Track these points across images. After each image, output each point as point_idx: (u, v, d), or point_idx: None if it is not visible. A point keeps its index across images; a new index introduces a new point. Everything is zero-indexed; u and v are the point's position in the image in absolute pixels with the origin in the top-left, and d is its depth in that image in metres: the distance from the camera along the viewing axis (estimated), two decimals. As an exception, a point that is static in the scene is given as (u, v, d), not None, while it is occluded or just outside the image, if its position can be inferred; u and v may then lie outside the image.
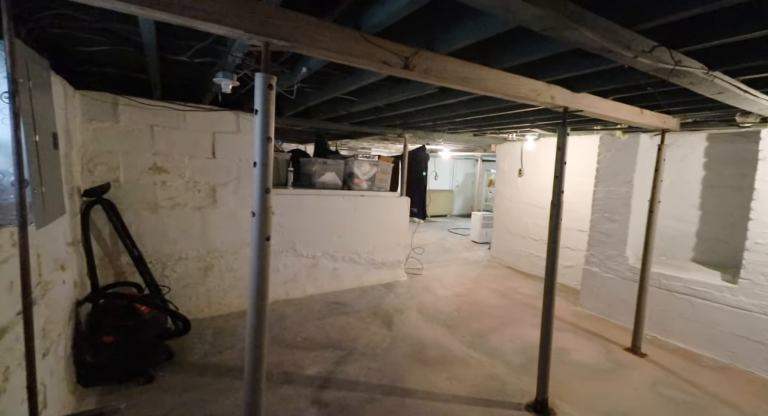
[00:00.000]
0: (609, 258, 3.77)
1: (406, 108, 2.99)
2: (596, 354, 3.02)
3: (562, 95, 1.98)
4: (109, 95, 2.83)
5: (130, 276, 2.96)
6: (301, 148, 7.83)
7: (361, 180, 4.49)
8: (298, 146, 7.71)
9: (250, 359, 1.28)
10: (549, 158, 5.22)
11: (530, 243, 5.39)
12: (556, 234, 2.18)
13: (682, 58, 1.36)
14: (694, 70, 1.41)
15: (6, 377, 1.29)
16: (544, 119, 3.33)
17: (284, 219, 3.84)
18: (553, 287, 2.22)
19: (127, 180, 2.96)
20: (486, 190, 11.26)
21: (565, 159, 2.12)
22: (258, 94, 1.16)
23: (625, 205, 3.64)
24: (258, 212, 1.20)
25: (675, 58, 1.32)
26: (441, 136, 4.93)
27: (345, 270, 4.32)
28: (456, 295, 4.26)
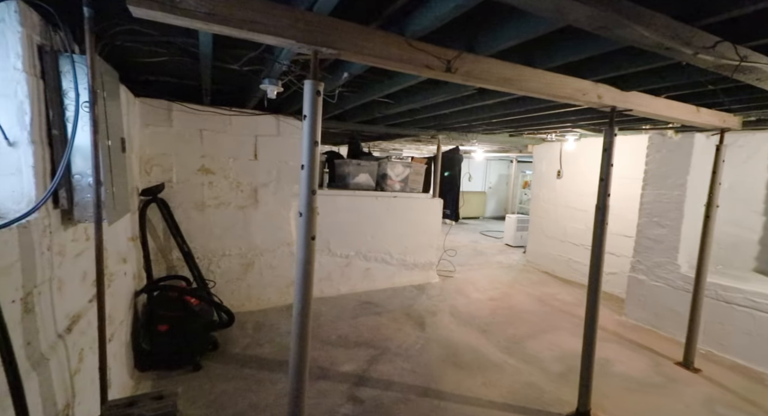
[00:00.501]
0: (658, 265, 3.54)
1: (442, 109, 2.99)
2: (643, 366, 2.85)
3: (609, 94, 1.90)
4: (165, 102, 3.06)
5: (180, 270, 3.17)
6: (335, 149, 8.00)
7: (394, 181, 4.52)
8: (332, 148, 7.88)
9: (295, 352, 1.34)
10: (590, 159, 5.01)
11: (569, 248, 5.17)
12: (602, 240, 2.09)
13: (748, 54, 1.27)
14: (761, 66, 1.31)
15: (81, 358, 1.44)
16: (587, 119, 3.20)
17: (319, 219, 3.93)
18: (597, 294, 2.13)
19: (179, 180, 3.17)
20: (521, 191, 10.93)
21: (612, 161, 2.03)
22: (306, 100, 1.22)
23: (676, 209, 3.41)
24: (305, 212, 1.26)
25: (740, 54, 1.24)
26: (475, 136, 4.86)
27: (377, 270, 4.37)
28: (490, 299, 4.18)
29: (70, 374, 1.35)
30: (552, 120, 3.26)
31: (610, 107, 1.97)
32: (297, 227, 3.64)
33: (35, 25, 1.21)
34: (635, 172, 4.32)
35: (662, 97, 2.12)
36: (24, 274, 1.09)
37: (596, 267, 2.11)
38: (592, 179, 5.10)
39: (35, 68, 1.22)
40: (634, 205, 4.33)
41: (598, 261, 2.11)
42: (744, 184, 3.27)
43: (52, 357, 1.21)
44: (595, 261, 2.12)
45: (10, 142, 1.14)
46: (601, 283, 2.14)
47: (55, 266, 1.30)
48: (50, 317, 1.25)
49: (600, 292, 2.14)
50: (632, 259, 3.78)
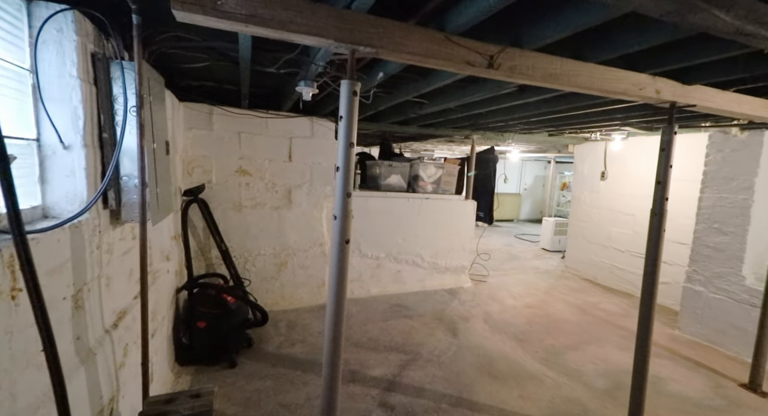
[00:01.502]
0: (718, 276, 3.22)
1: (478, 109, 2.88)
2: (702, 387, 2.59)
3: (669, 89, 1.73)
4: (206, 106, 3.17)
5: (218, 268, 3.28)
6: (366, 150, 8.03)
7: (426, 182, 4.44)
8: (363, 149, 7.91)
9: (328, 356, 1.32)
10: (638, 160, 4.66)
11: (613, 254, 4.84)
12: (658, 248, 1.91)
13: None
14: None
15: (125, 352, 1.50)
16: (638, 116, 2.96)
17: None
18: (652, 306, 1.95)
19: (218, 181, 3.29)
20: (558, 193, 10.44)
21: (671, 161, 1.85)
22: (343, 100, 1.19)
23: (742, 214, 3.08)
24: (339, 215, 1.23)
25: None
26: (512, 136, 4.67)
27: (408, 272, 4.31)
28: (525, 306, 3.99)
29: (116, 368, 1.40)
30: (598, 118, 3.05)
31: (669, 103, 1.79)
32: (329, 228, 3.63)
33: (89, 33, 1.27)
34: (689, 173, 3.97)
35: (730, 90, 1.90)
36: (75, 272, 1.14)
37: (651, 276, 1.93)
38: (640, 181, 4.79)
39: (88, 74, 1.27)
40: (688, 209, 3.98)
41: (654, 270, 1.93)
42: (826, 187, 2.89)
43: (99, 351, 1.27)
44: (650, 271, 1.94)
45: (65, 145, 1.20)
46: (656, 294, 1.95)
47: (104, 264, 1.35)
48: (98, 313, 1.30)
49: (654, 304, 1.95)
50: (688, 269, 3.47)
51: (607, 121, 3.22)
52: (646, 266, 1.96)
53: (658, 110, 2.53)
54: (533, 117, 3.17)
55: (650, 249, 1.93)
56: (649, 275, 1.94)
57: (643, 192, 4.47)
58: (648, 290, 1.93)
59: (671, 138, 1.83)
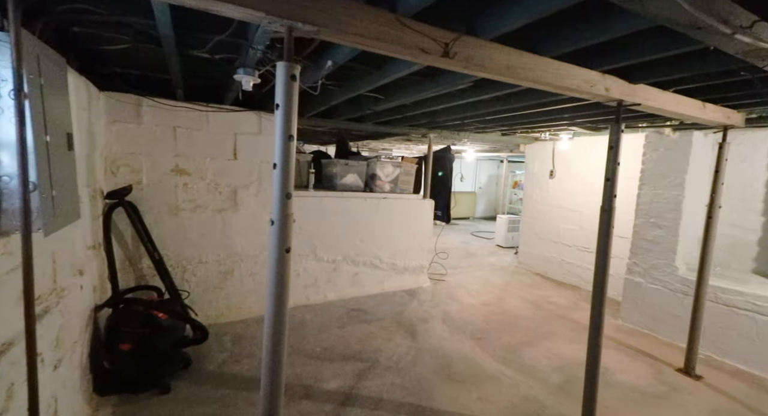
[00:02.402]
0: (655, 267, 3.45)
1: (434, 105, 2.81)
2: (645, 375, 2.73)
3: (617, 87, 1.75)
4: (133, 96, 2.80)
5: (151, 280, 2.91)
6: (323, 149, 7.77)
7: (384, 182, 4.33)
8: (319, 147, 7.65)
9: (267, 383, 1.14)
10: (583, 159, 4.92)
11: (562, 249, 5.07)
12: (607, 244, 1.94)
13: (782, 37, 1.12)
14: (795, 52, 1.17)
15: (9, 395, 1.20)
16: (584, 116, 3.07)
17: (305, 222, 3.73)
18: (602, 302, 1.98)
19: (150, 182, 2.92)
20: (511, 191, 10.88)
21: (618, 159, 1.88)
22: (280, 85, 1.02)
23: (674, 209, 3.31)
24: (277, 220, 1.06)
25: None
26: (467, 135, 4.71)
27: (366, 275, 4.17)
28: (483, 304, 4.03)
29: (-8, 418, 1.11)
30: (548, 117, 3.12)
31: (616, 101, 1.82)
32: None
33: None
34: (628, 171, 4.24)
35: (670, 91, 1.98)
36: None
37: (601, 275, 1.96)
38: (585, 179, 5.06)
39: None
40: (627, 205, 4.25)
41: (604, 266, 1.96)
42: (742, 184, 3.20)
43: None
44: (600, 267, 1.97)
45: None
46: (606, 292, 1.99)
47: (-28, 287, 1.06)
48: (-39, 351, 1.01)
49: (605, 303, 1.99)
50: (628, 261, 3.68)
51: (556, 120, 3.31)
52: (597, 263, 1.99)
53: (604, 109, 2.62)
54: (487, 115, 3.17)
55: (600, 245, 1.96)
56: (600, 271, 1.97)
57: (587, 189, 4.72)
58: (599, 288, 1.96)
59: (619, 136, 1.87)
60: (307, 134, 5.51)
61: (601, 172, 4.57)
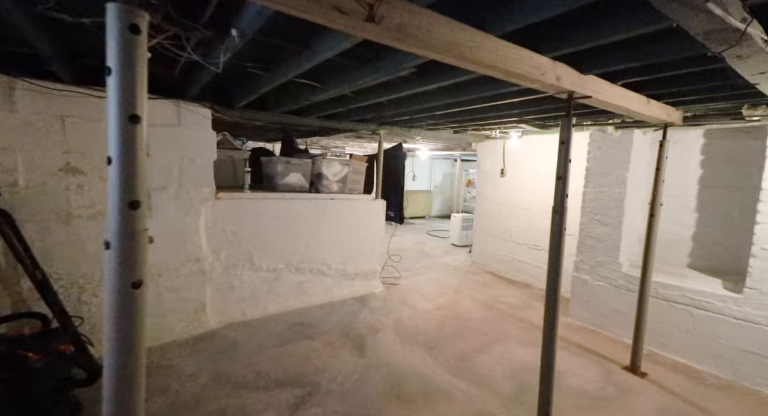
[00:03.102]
0: (600, 264, 3.48)
1: (377, 97, 2.55)
2: (595, 376, 2.69)
3: (568, 76, 1.60)
4: (3, 77, 2.23)
5: (36, 305, 2.35)
6: (269, 147, 7.25)
7: (331, 181, 4.01)
8: (264, 145, 7.10)
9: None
10: (532, 157, 4.96)
11: (513, 248, 5.08)
12: (560, 245, 1.80)
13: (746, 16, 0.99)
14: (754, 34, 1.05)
15: None
16: (533, 112, 2.98)
17: (239, 228, 3.31)
18: (556, 309, 1.84)
19: (29, 184, 2.35)
20: (465, 190, 11.03)
21: (569, 155, 1.74)
22: (112, 39, 0.68)
23: (617, 207, 3.35)
24: (116, 240, 0.72)
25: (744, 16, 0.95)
26: (419, 133, 4.52)
27: (313, 283, 3.83)
28: (437, 308, 3.86)
29: None
30: (497, 113, 2.98)
31: (567, 93, 1.68)
32: (210, 239, 2.90)
33: None
34: (573, 169, 4.30)
35: (618, 84, 1.89)
36: None
37: (554, 278, 1.82)
38: (534, 177, 5.11)
39: None
40: (572, 202, 4.31)
41: (556, 269, 1.82)
42: (678, 182, 3.31)
43: None
44: (553, 270, 1.83)
45: None
46: (559, 299, 1.86)
47: None
48: None
49: (558, 314, 1.85)
50: (576, 259, 3.70)
51: (505, 117, 3.20)
52: (550, 264, 1.85)
53: (554, 105, 2.52)
54: (436, 109, 2.98)
55: (554, 246, 1.82)
56: (553, 274, 1.83)
57: (536, 187, 4.75)
58: (552, 288, 1.82)
59: (569, 131, 1.73)
60: (245, 129, 5.02)
61: (549, 170, 4.61)
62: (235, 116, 3.30)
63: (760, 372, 2.56)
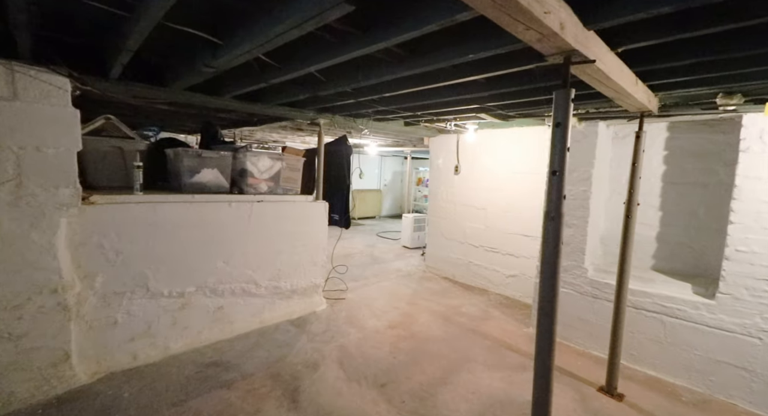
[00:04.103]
0: (565, 270, 3.18)
1: (306, 64, 1.90)
2: (570, 403, 2.32)
3: (572, 27, 1.11)
4: None
5: None
6: (189, 138, 6.19)
7: (259, 179, 3.27)
8: (179, 136, 6.02)
9: None
10: (490, 153, 4.58)
11: (469, 251, 4.72)
12: (555, 261, 1.33)
13: None
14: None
15: None
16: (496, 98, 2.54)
17: (126, 243, 2.46)
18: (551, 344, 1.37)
19: None
20: (415, 189, 10.70)
21: (567, 142, 1.27)
22: None
23: (582, 206, 3.07)
24: None
25: None
26: (366, 124, 3.94)
27: (235, 307, 3.06)
28: (390, 327, 3.31)
29: None
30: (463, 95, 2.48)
31: (565, 53, 1.19)
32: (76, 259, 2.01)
33: None
34: (530, 165, 4.03)
35: (617, 50, 1.45)
36: None
37: (548, 307, 1.35)
38: (491, 175, 4.78)
39: None
40: (531, 201, 4.04)
41: (551, 296, 1.35)
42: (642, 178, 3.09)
43: None
44: (546, 299, 1.36)
45: None
46: (555, 336, 1.39)
47: None
48: None
49: (554, 347, 1.39)
50: (538, 264, 3.37)
51: (470, 102, 2.73)
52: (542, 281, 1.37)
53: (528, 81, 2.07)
54: (385, 90, 2.40)
55: (546, 265, 1.35)
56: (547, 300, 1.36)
57: (493, 185, 4.42)
58: (544, 336, 1.34)
59: (568, 108, 1.25)
60: (151, 115, 4.05)
61: (506, 167, 4.24)
62: (117, 92, 2.44)
63: (735, 383, 2.37)
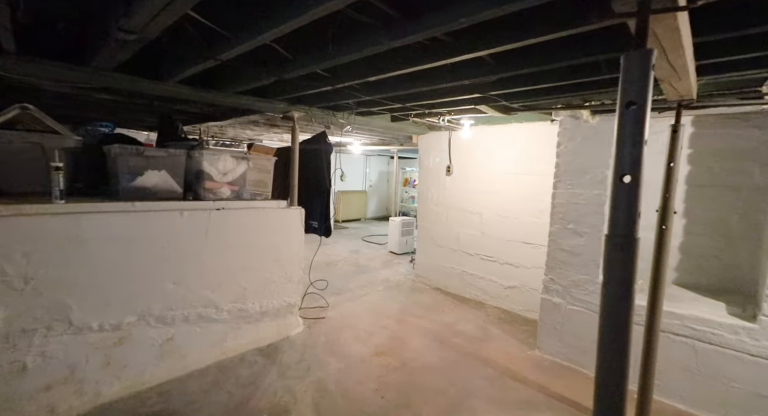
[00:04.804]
0: (575, 284, 2.79)
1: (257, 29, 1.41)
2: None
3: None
4: None
5: None
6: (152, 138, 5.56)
7: (220, 183, 2.75)
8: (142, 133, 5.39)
9: None
10: (486, 151, 4.14)
11: (463, 259, 4.31)
12: (628, 311, 0.90)
13: None
14: None
15: None
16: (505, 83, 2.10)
17: (39, 266, 1.92)
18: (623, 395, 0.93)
19: None
20: (402, 190, 10.27)
21: (645, 132, 0.84)
22: None
23: (596, 212, 2.68)
24: None
25: None
26: (347, 118, 3.46)
27: (190, 337, 2.54)
28: (376, 354, 2.85)
29: None
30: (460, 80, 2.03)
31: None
32: None
33: None
34: (531, 166, 3.64)
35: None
36: None
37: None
38: (487, 176, 4.35)
39: None
40: (532, 206, 3.65)
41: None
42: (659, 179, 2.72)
43: None
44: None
45: None
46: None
47: None
48: None
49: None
50: (545, 277, 2.98)
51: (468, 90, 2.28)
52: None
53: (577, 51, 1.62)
54: (368, 71, 1.93)
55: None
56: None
57: (489, 187, 4.01)
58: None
59: (647, 75, 0.82)
60: (96, 108, 3.47)
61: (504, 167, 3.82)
62: (15, 71, 1.89)
63: (782, 422, 2.01)
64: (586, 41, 1.49)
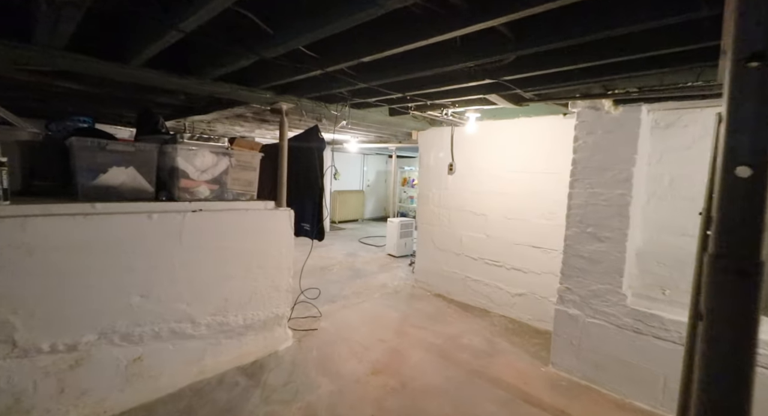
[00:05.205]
0: (595, 295, 2.51)
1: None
2: None
3: None
4: None
5: None
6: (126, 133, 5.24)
7: (197, 181, 2.45)
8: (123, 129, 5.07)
9: None
10: (492, 148, 3.82)
11: (467, 264, 4.02)
12: (749, 363, 0.60)
13: None
14: None
15: None
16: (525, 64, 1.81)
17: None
18: None
19: None
20: (400, 189, 9.99)
21: None
22: None
23: (619, 214, 2.40)
24: None
25: None
26: (341, 111, 3.16)
27: (161, 355, 2.24)
28: (373, 372, 2.56)
29: None
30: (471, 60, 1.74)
31: None
32: None
33: None
34: (541, 164, 3.35)
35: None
36: None
37: None
38: (492, 175, 3.95)
39: None
40: (543, 205, 3.37)
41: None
42: (691, 178, 2.45)
43: None
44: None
45: None
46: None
47: None
48: None
49: None
50: (560, 286, 2.69)
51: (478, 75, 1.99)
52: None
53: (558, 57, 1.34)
54: (362, 50, 1.64)
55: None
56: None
57: (493, 187, 3.73)
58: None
59: None
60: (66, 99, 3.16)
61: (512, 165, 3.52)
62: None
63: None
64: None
